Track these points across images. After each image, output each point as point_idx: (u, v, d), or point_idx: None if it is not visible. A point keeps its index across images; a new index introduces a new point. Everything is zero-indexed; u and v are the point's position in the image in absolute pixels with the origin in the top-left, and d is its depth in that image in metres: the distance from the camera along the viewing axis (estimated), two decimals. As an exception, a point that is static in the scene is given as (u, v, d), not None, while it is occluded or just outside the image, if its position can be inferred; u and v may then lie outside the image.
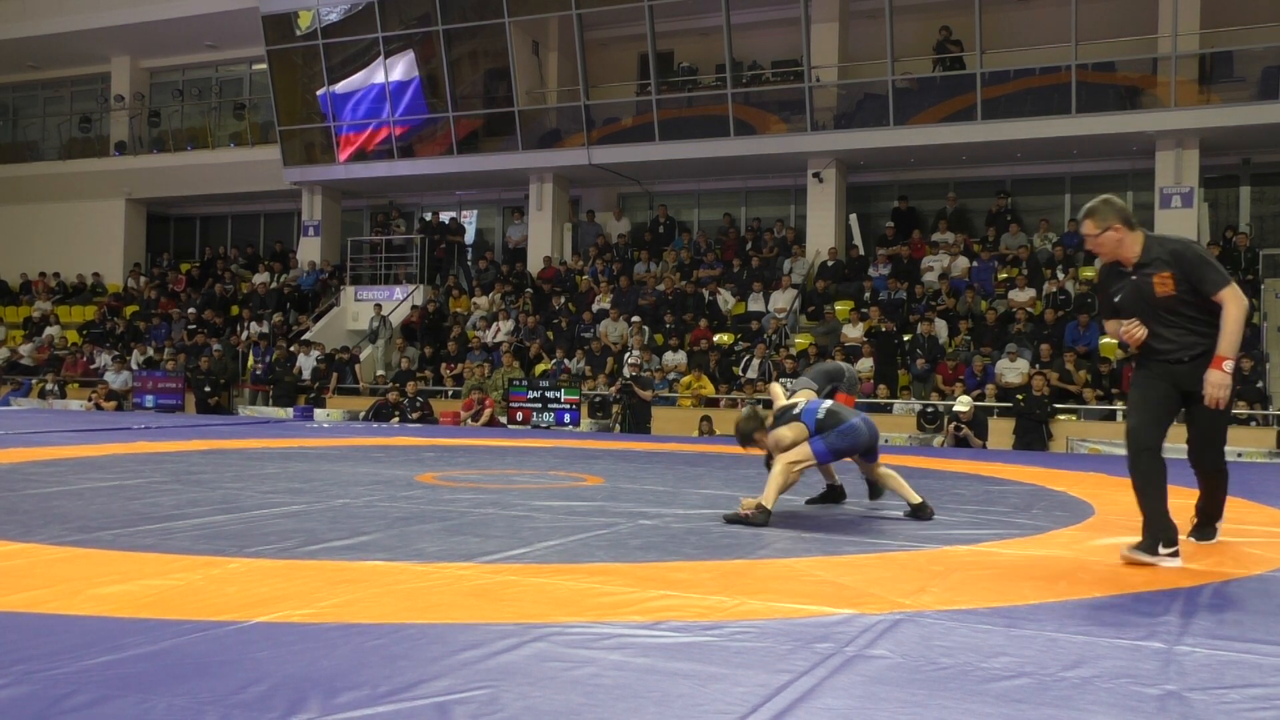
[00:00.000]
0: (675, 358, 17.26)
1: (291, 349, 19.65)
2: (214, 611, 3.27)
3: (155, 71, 25.92)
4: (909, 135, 18.05)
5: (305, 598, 3.50)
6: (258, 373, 19.66)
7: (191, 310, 22.51)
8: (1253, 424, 13.56)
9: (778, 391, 6.43)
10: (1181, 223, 17.06)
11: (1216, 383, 4.35)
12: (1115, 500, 7.03)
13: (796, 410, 5.74)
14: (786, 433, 5.64)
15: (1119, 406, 14.38)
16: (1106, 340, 15.76)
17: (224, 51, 24.50)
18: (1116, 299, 4.61)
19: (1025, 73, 17.90)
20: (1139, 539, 4.46)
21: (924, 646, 3.02)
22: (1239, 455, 12.59)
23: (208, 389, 19.05)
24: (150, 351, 21.09)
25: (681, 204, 22.28)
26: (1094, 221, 4.54)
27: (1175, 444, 4.73)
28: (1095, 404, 14.37)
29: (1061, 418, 14.33)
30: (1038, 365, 14.98)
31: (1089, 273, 17.26)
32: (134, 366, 20.43)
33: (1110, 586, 3.98)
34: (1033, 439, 13.86)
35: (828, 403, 5.84)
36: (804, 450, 5.58)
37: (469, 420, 16.23)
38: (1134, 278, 4.51)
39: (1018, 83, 17.88)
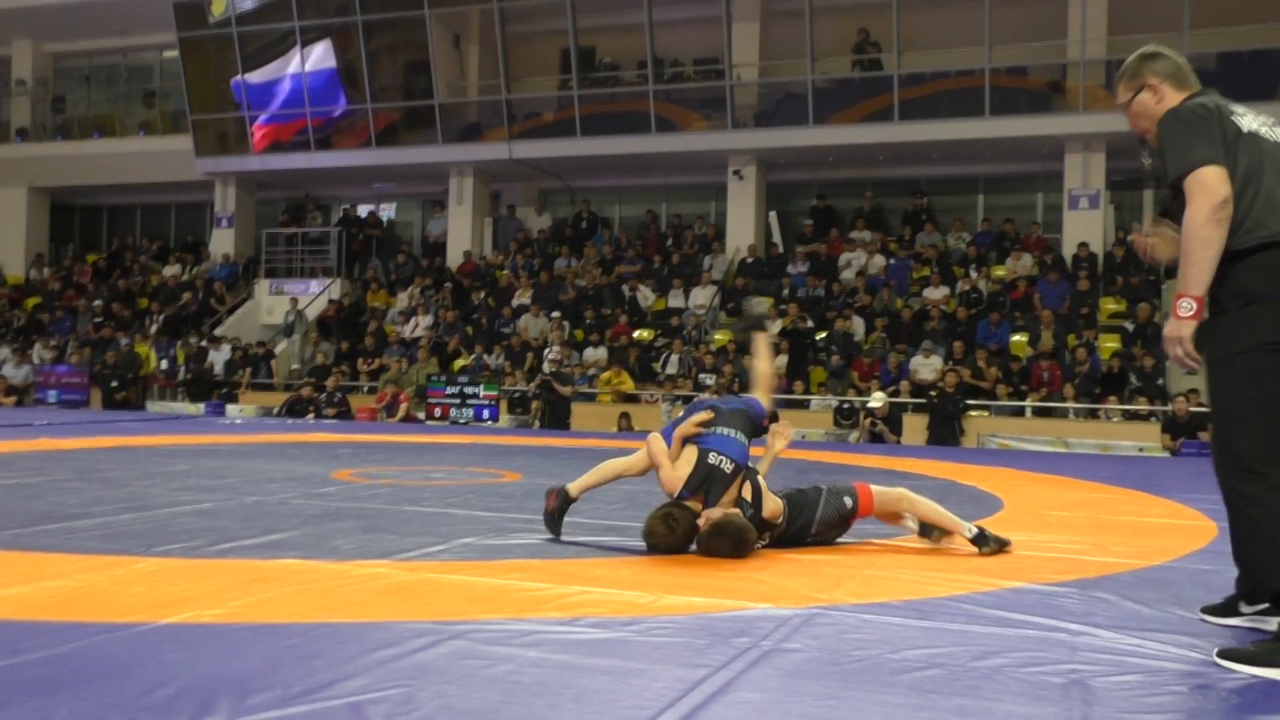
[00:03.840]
0: (595, 354, 17.26)
1: (202, 344, 19.21)
2: (119, 613, 3.18)
3: (60, 56, 25.09)
4: (828, 134, 18.29)
5: (215, 598, 3.42)
6: (162, 368, 19.17)
7: (98, 303, 21.87)
8: (1153, 419, 14.01)
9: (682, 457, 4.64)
10: (1088, 224, 17.59)
11: (1165, 334, 3.05)
12: (1024, 494, 7.22)
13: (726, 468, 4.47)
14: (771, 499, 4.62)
15: (1029, 403, 14.77)
16: (1016, 338, 16.17)
17: (133, 37, 23.78)
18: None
19: (941, 75, 18.26)
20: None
21: (838, 640, 3.06)
22: (1140, 450, 13.02)
23: (114, 384, 18.53)
24: (53, 345, 20.44)
25: (603, 200, 22.29)
26: (1124, 84, 3.32)
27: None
28: (1006, 400, 14.73)
29: (973, 414, 14.66)
30: (950, 362, 15.29)
31: (1000, 272, 17.69)
32: (36, 360, 19.77)
33: (1018, 578, 4.08)
34: (945, 434, 14.16)
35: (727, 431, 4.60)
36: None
37: (384, 414, 16.03)
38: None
39: (933, 85, 18.23)
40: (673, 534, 4.33)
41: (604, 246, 20.44)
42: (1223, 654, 2.91)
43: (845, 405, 15.02)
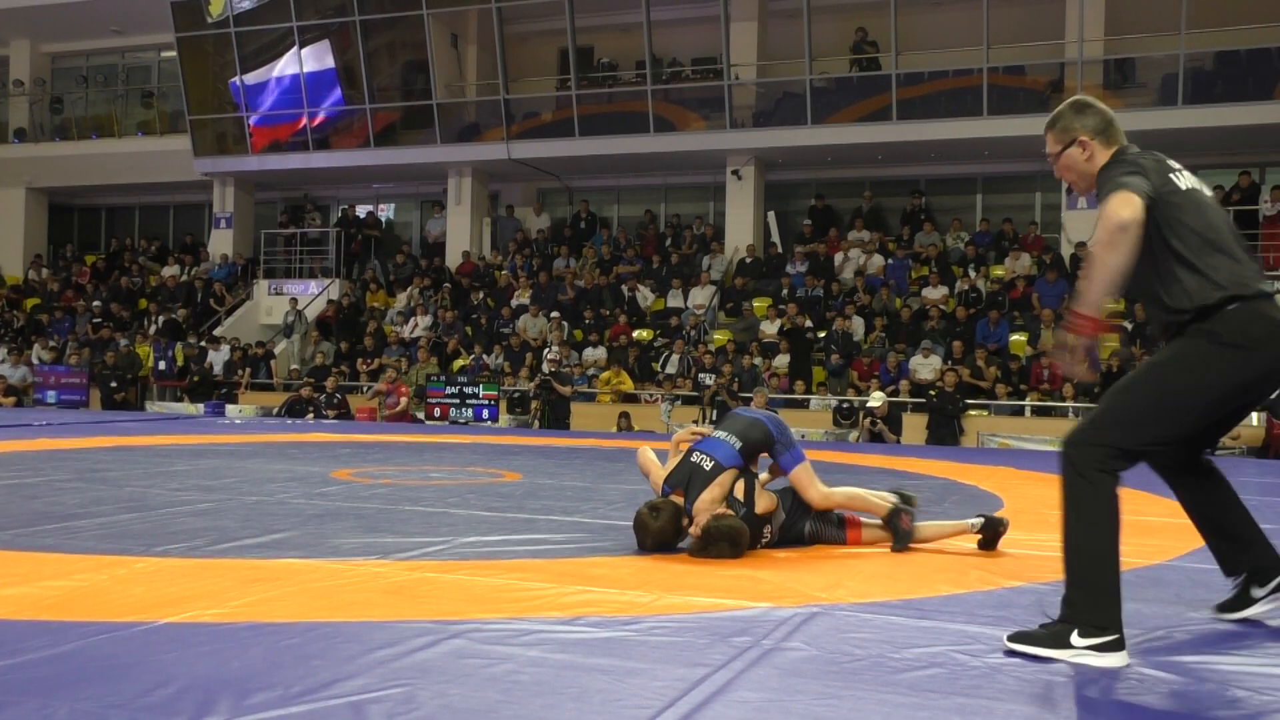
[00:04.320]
0: (594, 353, 17.26)
1: (202, 344, 19.20)
2: (120, 613, 3.18)
3: (57, 56, 25.06)
4: (826, 134, 18.29)
5: (216, 597, 3.42)
6: (160, 369, 19.15)
7: (97, 303, 21.85)
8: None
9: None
10: (1087, 224, 17.58)
11: (1055, 343, 3.09)
12: (1023, 494, 7.22)
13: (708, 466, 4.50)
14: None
15: (1028, 402, 14.77)
16: (1015, 338, 16.18)
17: (131, 38, 23.76)
18: None
19: (939, 75, 18.26)
20: None
21: (838, 639, 3.07)
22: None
23: (114, 384, 18.51)
24: (52, 346, 20.42)
25: (602, 200, 22.29)
26: (1054, 135, 3.26)
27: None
28: (1005, 400, 14.74)
29: (973, 413, 14.66)
30: (950, 362, 15.30)
31: (999, 271, 17.70)
32: (35, 361, 19.75)
33: (1018, 578, 4.09)
34: (945, 434, 14.16)
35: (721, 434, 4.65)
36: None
37: (382, 404, 15.90)
38: None
39: (932, 84, 18.24)
40: (656, 518, 4.41)
41: (603, 246, 20.44)
42: (1012, 638, 2.93)
43: (845, 405, 15.03)
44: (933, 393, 14.58)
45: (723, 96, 18.82)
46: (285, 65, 20.97)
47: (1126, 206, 2.86)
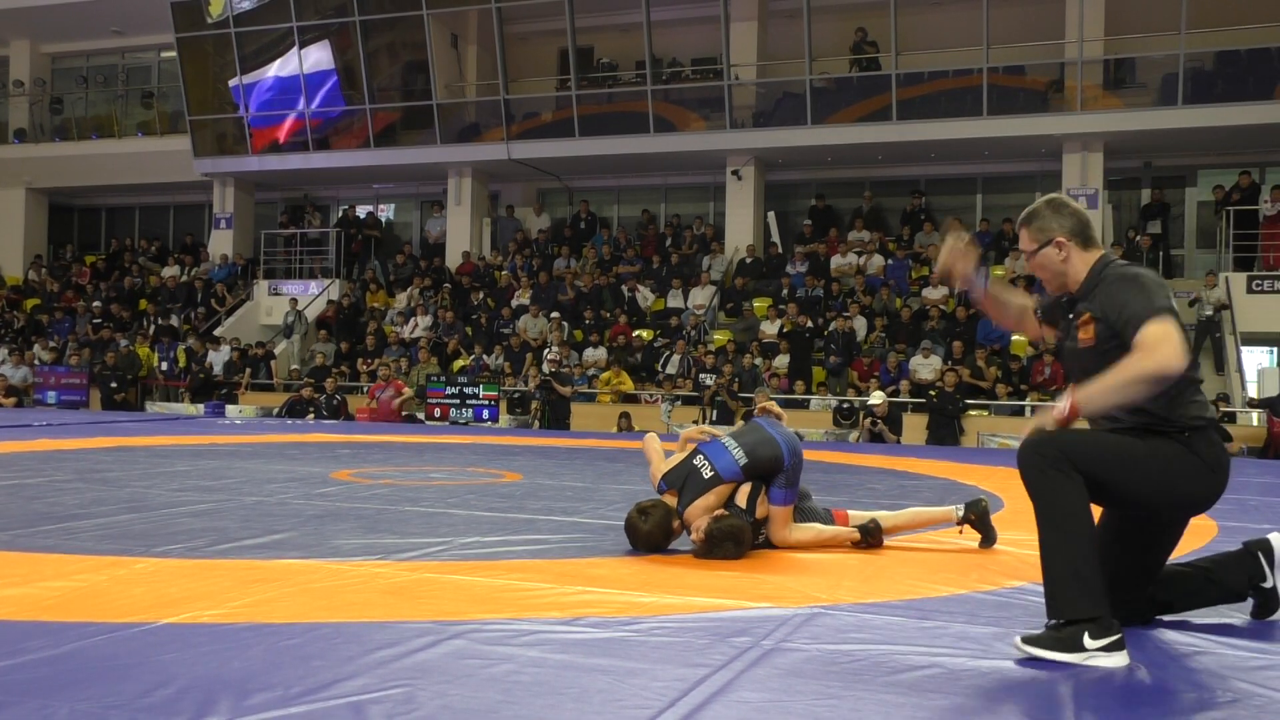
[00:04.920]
0: (595, 354, 17.26)
1: (191, 345, 19.20)
2: (119, 613, 3.18)
3: (57, 57, 25.08)
4: (826, 134, 18.29)
5: (216, 598, 3.42)
6: (162, 369, 19.16)
7: (97, 304, 21.85)
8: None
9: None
10: (1087, 223, 17.57)
11: (1035, 423, 3.05)
12: (1024, 494, 7.20)
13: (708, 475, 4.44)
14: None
15: (1029, 402, 14.77)
16: (1018, 338, 16.18)
17: (131, 38, 23.77)
18: (1059, 354, 3.34)
19: (939, 75, 18.27)
20: None
21: (839, 639, 3.07)
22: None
23: (114, 385, 18.51)
24: (52, 346, 20.42)
25: (602, 200, 22.29)
26: (1029, 232, 3.23)
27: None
28: (1005, 399, 14.74)
29: (973, 413, 14.66)
30: (950, 362, 15.30)
31: (999, 271, 17.68)
32: (36, 361, 19.76)
33: (1018, 578, 4.08)
34: (945, 434, 14.16)
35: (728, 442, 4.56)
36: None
37: (375, 401, 15.76)
38: (1071, 318, 3.19)
39: (932, 84, 18.24)
40: (646, 521, 4.37)
41: (603, 247, 20.44)
42: (1027, 640, 2.90)
43: (845, 405, 15.03)
44: (933, 393, 14.58)
45: (723, 96, 18.82)
46: (285, 65, 20.97)
47: (1178, 357, 2.82)
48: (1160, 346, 2.83)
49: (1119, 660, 2.83)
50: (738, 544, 4.28)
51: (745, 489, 4.45)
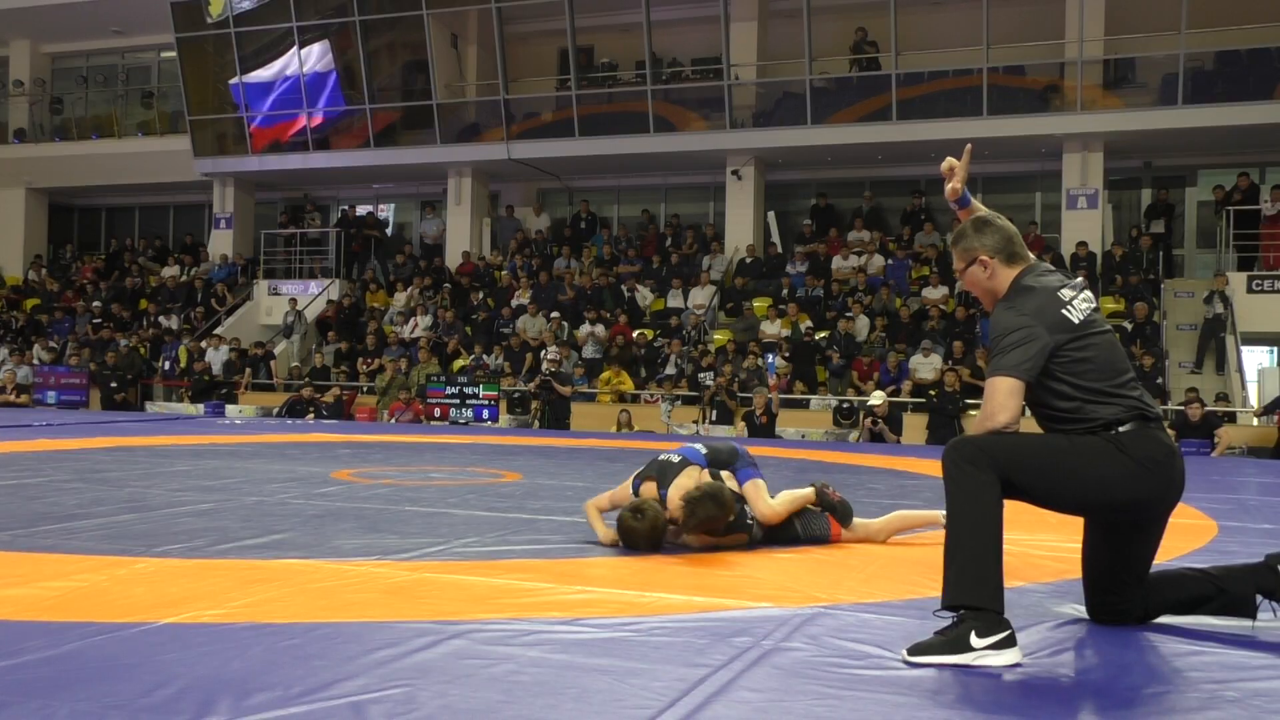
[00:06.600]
0: (589, 331, 17.26)
1: (202, 344, 19.21)
2: (120, 613, 3.18)
3: (57, 57, 25.08)
4: (826, 134, 18.29)
5: (216, 598, 3.42)
6: (165, 368, 19.16)
7: (97, 304, 21.85)
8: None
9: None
10: (1087, 223, 17.61)
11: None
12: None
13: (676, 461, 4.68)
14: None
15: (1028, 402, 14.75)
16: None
17: (131, 38, 23.77)
18: None
19: (939, 74, 18.26)
20: None
21: (839, 640, 3.07)
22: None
23: (114, 385, 18.51)
24: (52, 346, 20.42)
25: (602, 200, 22.28)
26: (956, 252, 3.35)
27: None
28: (1005, 400, 14.70)
29: (973, 413, 14.65)
30: (950, 361, 15.30)
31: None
32: (36, 361, 19.76)
33: (1018, 578, 4.08)
34: (945, 434, 14.14)
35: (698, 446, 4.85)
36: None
37: (402, 420, 15.86)
38: None
39: (932, 84, 18.23)
40: (640, 519, 4.44)
41: (603, 246, 20.44)
42: (912, 651, 2.87)
43: (845, 405, 15.03)
44: (933, 393, 14.58)
45: (723, 96, 18.82)
46: (285, 65, 20.97)
47: (1005, 411, 2.99)
48: (991, 406, 3.02)
49: (1009, 658, 2.81)
50: (718, 502, 4.33)
51: (733, 482, 4.66)
